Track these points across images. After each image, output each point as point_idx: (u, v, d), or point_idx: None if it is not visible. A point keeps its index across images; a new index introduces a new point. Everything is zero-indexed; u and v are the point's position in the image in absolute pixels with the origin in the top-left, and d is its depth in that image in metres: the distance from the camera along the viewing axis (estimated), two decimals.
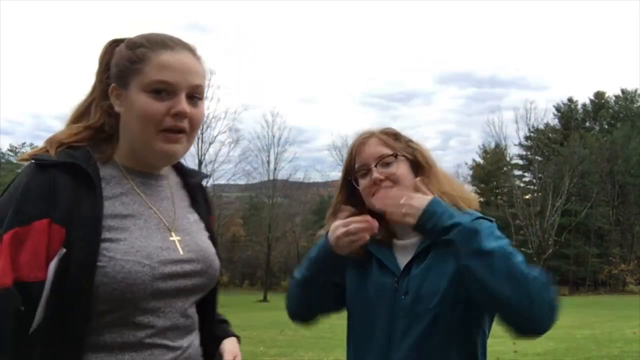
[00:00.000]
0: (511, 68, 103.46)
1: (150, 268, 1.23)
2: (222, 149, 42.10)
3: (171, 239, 1.31)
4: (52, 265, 1.15)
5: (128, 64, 1.28)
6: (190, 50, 1.33)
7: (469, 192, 1.66)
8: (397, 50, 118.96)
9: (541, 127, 54.23)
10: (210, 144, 41.07)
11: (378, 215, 1.58)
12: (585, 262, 49.63)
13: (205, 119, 40.36)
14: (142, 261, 1.22)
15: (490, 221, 1.55)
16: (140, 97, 1.25)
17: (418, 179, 1.57)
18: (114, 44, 1.36)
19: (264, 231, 50.27)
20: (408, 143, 1.64)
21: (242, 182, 50.26)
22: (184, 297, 1.32)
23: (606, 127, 59.45)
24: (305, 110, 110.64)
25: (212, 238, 1.44)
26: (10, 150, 57.56)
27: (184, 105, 1.25)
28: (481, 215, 1.55)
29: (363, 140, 1.62)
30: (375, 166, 1.57)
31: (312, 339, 12.77)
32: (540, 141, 52.41)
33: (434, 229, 1.47)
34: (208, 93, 41.34)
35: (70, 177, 1.20)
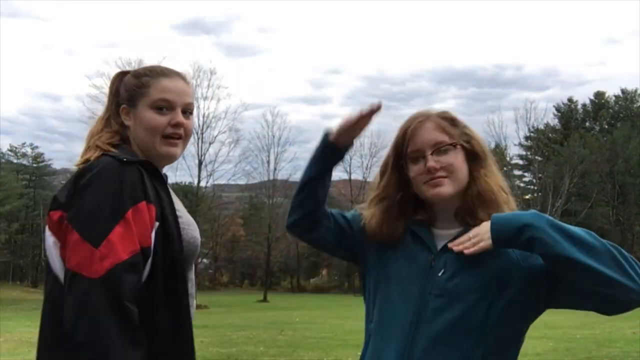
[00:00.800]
0: (512, 68, 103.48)
1: (198, 235, 1.67)
2: (222, 149, 42.05)
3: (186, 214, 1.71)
4: (152, 234, 1.52)
5: (136, 89, 1.66)
6: (183, 77, 1.71)
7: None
8: (397, 49, 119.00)
9: (541, 127, 54.27)
10: (210, 144, 41.00)
11: (422, 201, 1.55)
12: None
13: (205, 119, 39.88)
14: (195, 229, 1.66)
15: None
16: (147, 113, 1.63)
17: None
18: (122, 75, 1.74)
19: (264, 231, 50.24)
20: (464, 130, 1.54)
21: (242, 182, 50.28)
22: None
23: (606, 127, 59.44)
24: (306, 110, 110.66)
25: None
26: (10, 150, 57.56)
27: (180, 117, 1.65)
28: None
29: (419, 123, 1.52)
30: (432, 154, 1.48)
31: (312, 339, 12.78)
32: (540, 141, 52.41)
33: (511, 235, 1.37)
34: (208, 93, 41.40)
35: (145, 170, 1.56)
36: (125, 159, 1.53)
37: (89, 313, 1.37)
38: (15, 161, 56.88)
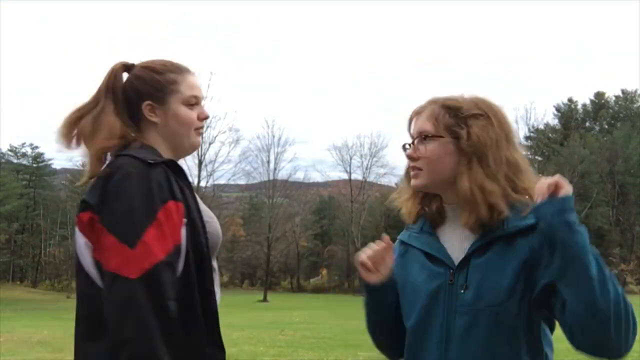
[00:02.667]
0: (514, 68, 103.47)
1: (220, 227, 1.74)
2: (222, 149, 42.10)
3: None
4: (183, 231, 1.57)
5: (165, 85, 1.71)
6: (426, 108, 1.67)
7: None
8: (398, 50, 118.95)
9: (541, 127, 54.31)
10: (210, 144, 40.99)
11: (431, 194, 1.52)
12: None
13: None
14: (216, 222, 1.73)
15: None
16: (181, 108, 1.72)
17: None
18: (124, 68, 1.74)
19: (264, 231, 50.23)
20: (465, 118, 1.43)
21: (242, 182, 50.35)
22: None
23: (606, 127, 59.44)
24: (306, 110, 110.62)
25: None
26: (10, 150, 57.48)
27: (207, 111, 1.79)
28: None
29: (420, 109, 1.50)
30: (415, 142, 1.48)
31: (312, 339, 12.78)
32: (540, 141, 52.45)
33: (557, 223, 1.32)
34: (208, 93, 41.37)
35: (168, 169, 1.61)
36: (151, 161, 1.58)
37: (134, 311, 1.44)
38: (15, 161, 56.84)
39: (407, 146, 1.52)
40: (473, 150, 1.42)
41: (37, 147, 58.85)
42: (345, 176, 57.68)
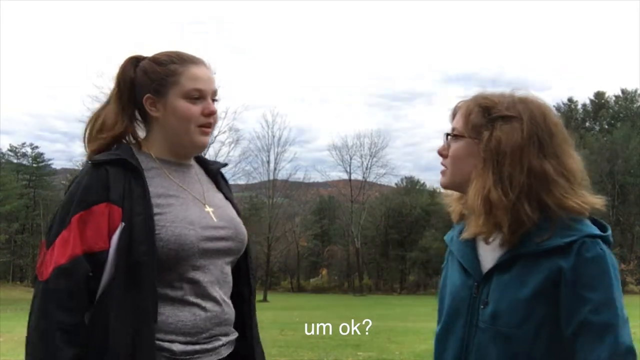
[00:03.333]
0: (514, 68, 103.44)
1: (195, 231, 1.55)
2: (222, 149, 42.05)
3: (205, 210, 1.63)
4: (115, 236, 1.47)
5: (165, 77, 1.60)
6: (205, 63, 1.66)
7: (586, 197, 1.36)
8: (400, 50, 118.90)
9: None
10: (210, 144, 40.95)
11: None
12: None
13: None
14: (187, 226, 1.54)
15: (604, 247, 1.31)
16: (180, 102, 1.59)
17: None
18: (135, 60, 1.66)
19: (264, 231, 50.21)
20: (493, 120, 1.34)
21: (242, 182, 50.27)
22: (222, 257, 1.63)
23: (606, 127, 59.45)
24: (307, 110, 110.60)
25: (238, 212, 1.76)
26: (10, 150, 57.50)
27: (213, 106, 1.63)
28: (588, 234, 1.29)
29: (460, 104, 1.43)
30: (447, 138, 1.43)
31: (312, 339, 12.76)
32: None
33: None
34: None
35: (120, 169, 1.52)
36: (97, 162, 1.54)
37: (32, 313, 1.46)
38: (15, 161, 56.84)
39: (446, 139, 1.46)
40: (489, 155, 1.32)
41: (37, 147, 58.93)
42: (345, 176, 57.73)
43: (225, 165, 1.90)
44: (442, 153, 1.43)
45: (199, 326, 1.56)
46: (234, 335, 1.69)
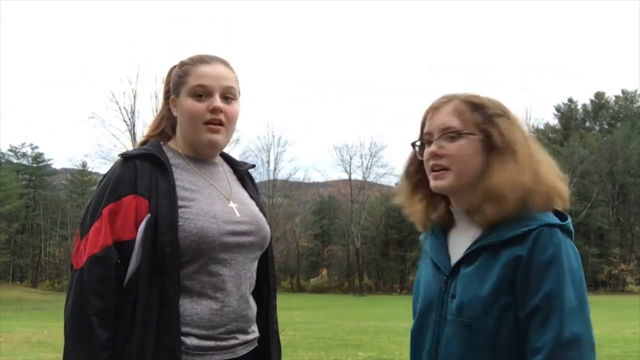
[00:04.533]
0: (514, 68, 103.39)
1: (217, 225, 1.59)
2: None
3: (229, 205, 1.68)
4: (141, 226, 1.54)
5: (178, 78, 1.69)
6: (223, 62, 1.72)
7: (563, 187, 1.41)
8: (401, 49, 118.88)
9: (541, 127, 54.30)
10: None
11: (437, 198, 1.47)
12: (585, 262, 49.50)
13: None
14: (210, 220, 1.59)
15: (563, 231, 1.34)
16: (187, 100, 1.65)
17: None
18: (173, 67, 1.76)
19: None
20: (489, 116, 1.39)
21: None
22: (244, 252, 1.66)
23: (606, 127, 59.45)
24: (309, 109, 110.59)
25: (262, 210, 1.80)
26: (10, 150, 57.48)
27: (218, 102, 1.64)
28: (552, 222, 1.33)
29: (439, 104, 1.42)
30: (438, 138, 1.39)
31: (312, 339, 12.76)
32: (540, 141, 51.78)
33: None
34: None
35: (148, 163, 1.60)
36: (127, 156, 1.62)
37: (68, 299, 1.55)
38: (15, 161, 56.82)
39: (419, 144, 1.45)
40: (505, 146, 1.37)
41: (37, 147, 58.87)
42: (345, 176, 57.73)
43: (253, 166, 1.93)
44: (439, 154, 1.39)
45: (216, 320, 1.58)
46: (254, 335, 1.69)
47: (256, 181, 2.01)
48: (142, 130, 41.41)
